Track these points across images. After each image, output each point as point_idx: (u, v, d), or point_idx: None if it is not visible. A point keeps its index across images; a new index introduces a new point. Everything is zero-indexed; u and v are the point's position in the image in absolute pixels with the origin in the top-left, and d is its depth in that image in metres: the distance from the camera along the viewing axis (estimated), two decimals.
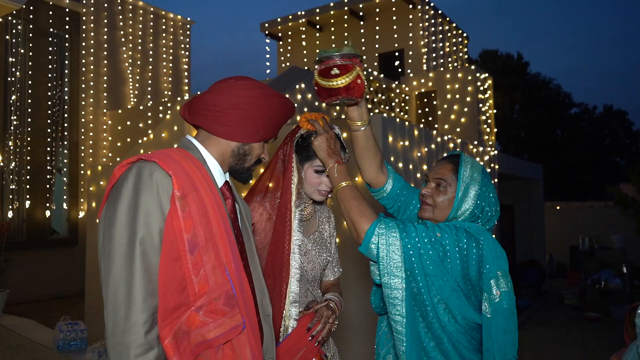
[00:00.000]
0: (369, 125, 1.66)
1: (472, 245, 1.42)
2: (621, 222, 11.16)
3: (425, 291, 1.42)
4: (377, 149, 1.70)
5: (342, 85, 1.45)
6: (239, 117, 1.29)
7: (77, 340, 3.13)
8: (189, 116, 1.34)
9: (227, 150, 1.34)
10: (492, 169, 7.13)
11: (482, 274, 1.42)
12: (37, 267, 8.01)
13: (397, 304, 1.43)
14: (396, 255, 1.41)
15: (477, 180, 1.52)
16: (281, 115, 1.37)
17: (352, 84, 1.46)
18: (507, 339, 1.41)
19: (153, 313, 1.10)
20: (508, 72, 22.38)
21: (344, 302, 1.76)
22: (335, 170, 1.57)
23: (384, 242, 1.41)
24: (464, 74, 9.36)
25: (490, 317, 1.41)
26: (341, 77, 1.45)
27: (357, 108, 1.62)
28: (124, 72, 9.93)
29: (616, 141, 24.22)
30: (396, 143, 4.50)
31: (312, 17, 11.99)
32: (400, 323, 1.44)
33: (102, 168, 5.76)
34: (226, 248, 1.19)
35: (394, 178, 1.75)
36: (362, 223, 1.45)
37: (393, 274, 1.42)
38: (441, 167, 1.58)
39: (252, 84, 1.32)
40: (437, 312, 1.44)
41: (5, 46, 7.89)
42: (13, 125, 7.88)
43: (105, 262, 1.11)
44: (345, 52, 1.47)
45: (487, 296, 1.41)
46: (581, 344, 6.14)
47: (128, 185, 1.14)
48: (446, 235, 1.42)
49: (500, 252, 1.45)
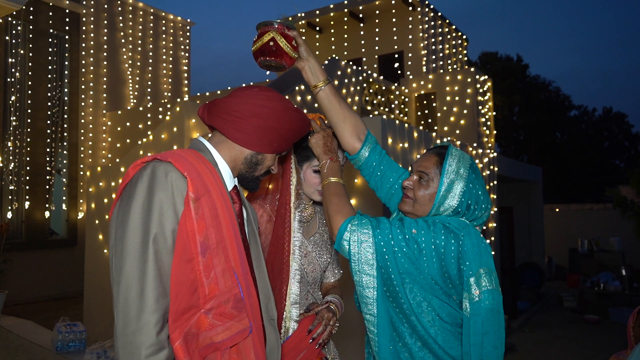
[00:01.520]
0: (328, 86, 1.62)
1: (450, 242, 1.35)
2: (620, 225, 11.17)
3: (400, 290, 1.37)
4: (345, 113, 1.64)
5: (255, 49, 1.56)
6: (257, 126, 1.30)
7: (76, 341, 3.12)
8: (207, 117, 1.34)
9: (239, 157, 1.34)
10: (491, 171, 7.13)
11: (462, 272, 1.34)
12: (36, 268, 8.00)
13: (369, 303, 1.40)
14: (368, 253, 1.37)
15: (463, 177, 1.43)
16: (297, 130, 1.39)
17: (265, 47, 1.53)
18: (486, 341, 1.31)
19: (164, 314, 1.09)
20: (507, 74, 22.41)
21: (345, 304, 1.76)
22: (326, 166, 1.58)
23: (356, 238, 1.38)
24: (464, 76, 9.37)
25: (469, 317, 1.33)
26: (255, 42, 1.56)
27: (309, 71, 1.61)
28: (124, 73, 9.93)
29: (615, 143, 24.26)
30: (396, 145, 4.51)
31: (311, 19, 12.01)
32: (372, 323, 1.40)
33: (101, 169, 5.75)
34: (235, 251, 1.19)
35: (372, 149, 1.67)
36: (336, 219, 1.42)
37: (364, 272, 1.38)
38: (425, 160, 1.51)
39: (275, 97, 1.33)
40: (415, 313, 1.39)
41: (5, 47, 7.88)
42: (12, 125, 7.87)
43: (117, 261, 1.10)
44: (261, 22, 1.57)
45: (467, 295, 1.34)
46: (580, 346, 6.13)
47: (143, 184, 1.13)
48: (422, 232, 1.36)
49: (484, 247, 1.37)
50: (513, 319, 7.08)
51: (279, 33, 1.54)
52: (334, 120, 1.64)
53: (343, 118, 1.63)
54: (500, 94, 19.91)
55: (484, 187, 1.49)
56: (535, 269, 9.40)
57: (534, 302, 8.48)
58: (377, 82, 8.72)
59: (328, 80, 1.63)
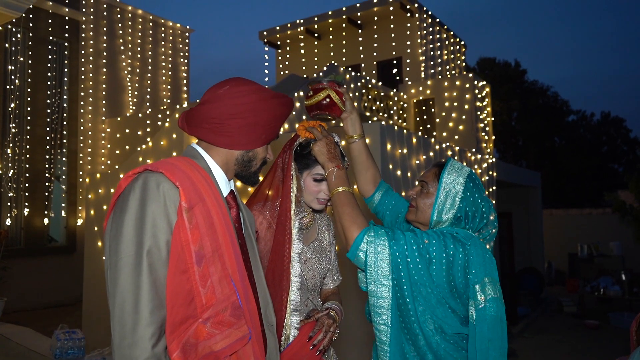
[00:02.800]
0: (362, 139, 1.83)
1: (458, 249, 1.41)
2: (619, 229, 11.17)
3: (410, 300, 1.42)
4: (369, 164, 1.86)
5: (311, 104, 1.75)
6: (238, 126, 1.27)
7: (75, 348, 3.11)
8: (187, 128, 1.32)
9: (230, 159, 1.33)
10: (490, 176, 7.14)
11: (468, 280, 1.40)
12: (35, 275, 7.98)
13: (382, 313, 1.43)
14: (384, 264, 1.40)
15: (461, 184, 1.53)
16: (282, 115, 1.35)
17: (322, 103, 1.73)
18: (491, 348, 1.38)
19: (160, 326, 1.09)
20: (506, 79, 22.47)
21: (344, 310, 1.76)
22: (333, 174, 1.58)
23: (372, 249, 1.41)
24: (462, 81, 9.40)
25: (475, 324, 1.39)
26: (313, 97, 1.74)
27: (348, 123, 1.81)
28: (123, 80, 9.95)
29: (614, 148, 24.28)
30: (394, 151, 4.51)
31: (310, 26, 12.05)
32: (385, 332, 1.43)
33: (100, 176, 5.75)
34: (232, 258, 1.18)
35: (384, 193, 1.86)
36: (352, 230, 1.45)
37: (380, 282, 1.41)
38: (427, 171, 1.64)
39: (247, 90, 1.29)
40: (420, 322, 1.43)
41: (4, 54, 7.91)
42: (12, 132, 7.88)
43: (112, 274, 1.10)
44: (316, 79, 1.76)
45: (473, 302, 1.40)
46: (581, 352, 6.12)
47: (135, 197, 1.12)
48: (433, 242, 1.42)
49: (488, 258, 1.44)
50: (513, 324, 7.06)
51: (333, 90, 1.73)
52: (358, 169, 1.86)
53: (367, 168, 1.86)
54: (499, 100, 19.96)
55: (484, 196, 1.56)
56: (535, 274, 9.39)
57: (534, 308, 8.47)
58: (375, 88, 8.75)
59: (363, 135, 1.84)
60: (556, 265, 11.76)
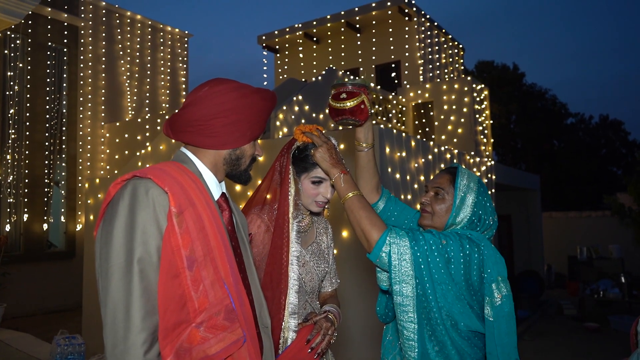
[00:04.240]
0: (372, 148, 1.84)
1: (474, 250, 1.49)
2: (619, 232, 11.19)
3: (432, 298, 1.48)
4: (375, 172, 1.87)
5: (347, 107, 1.71)
6: (221, 125, 1.27)
7: (75, 354, 3.11)
8: (172, 134, 1.32)
9: (219, 160, 1.33)
10: (489, 179, 7.15)
11: (484, 279, 1.49)
12: (35, 280, 7.96)
13: (408, 311, 1.49)
14: (407, 264, 1.47)
15: (474, 190, 1.61)
16: (264, 109, 1.35)
17: (355, 107, 1.70)
18: (510, 341, 1.47)
19: (153, 332, 1.09)
20: (504, 82, 22.50)
21: (342, 313, 1.76)
22: (341, 180, 1.59)
23: (396, 251, 1.47)
24: (460, 85, 9.43)
25: (493, 320, 1.47)
26: (347, 100, 1.70)
27: (363, 130, 1.81)
28: (122, 85, 9.97)
29: (612, 151, 24.32)
30: (393, 154, 4.52)
31: (309, 30, 12.09)
32: (412, 330, 1.49)
33: (99, 181, 5.75)
34: (224, 262, 1.18)
35: (388, 199, 1.90)
36: (373, 232, 1.50)
37: (405, 282, 1.47)
38: (440, 178, 1.69)
39: (227, 88, 1.28)
40: (442, 315, 1.49)
41: (3, 60, 7.92)
42: (11, 138, 7.88)
43: (103, 282, 1.10)
44: (354, 82, 1.72)
45: (489, 300, 1.48)
46: (581, 355, 6.11)
47: (124, 204, 1.12)
48: (451, 242, 1.49)
49: (499, 258, 1.53)
50: None
51: (366, 95, 1.72)
52: (364, 176, 1.87)
53: (372, 176, 1.88)
54: (497, 103, 19.99)
55: (491, 200, 1.67)
56: (535, 277, 9.39)
57: (534, 311, 8.46)
58: (374, 92, 8.77)
59: (372, 144, 1.86)
60: (556, 268, 11.76)
